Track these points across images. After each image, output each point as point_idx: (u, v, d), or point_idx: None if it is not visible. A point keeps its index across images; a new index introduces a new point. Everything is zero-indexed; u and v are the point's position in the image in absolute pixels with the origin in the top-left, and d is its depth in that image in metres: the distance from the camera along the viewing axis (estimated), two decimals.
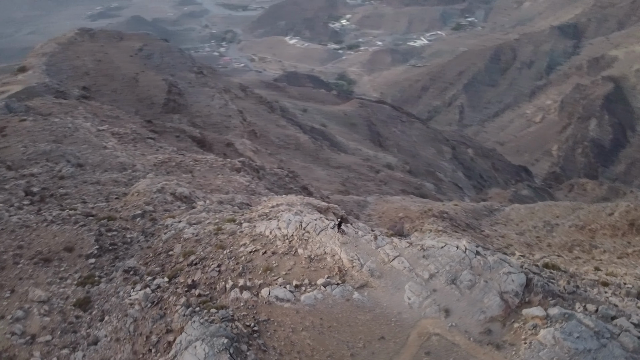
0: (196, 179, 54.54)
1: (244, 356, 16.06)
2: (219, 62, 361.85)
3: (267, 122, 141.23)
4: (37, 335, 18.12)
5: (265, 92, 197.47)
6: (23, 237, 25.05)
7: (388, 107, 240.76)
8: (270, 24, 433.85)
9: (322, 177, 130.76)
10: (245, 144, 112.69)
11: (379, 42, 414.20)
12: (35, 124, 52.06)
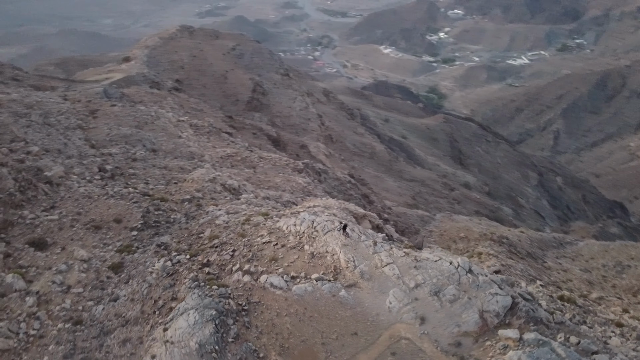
0: (257, 174, 57.95)
1: (228, 329, 18.30)
2: (312, 65, 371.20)
3: (345, 128, 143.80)
4: (72, 286, 21.51)
5: (349, 98, 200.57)
6: (83, 206, 29.11)
7: (474, 125, 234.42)
8: (367, 32, 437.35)
9: (392, 188, 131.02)
10: (319, 148, 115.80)
11: (476, 57, 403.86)
12: (123, 109, 58.09)
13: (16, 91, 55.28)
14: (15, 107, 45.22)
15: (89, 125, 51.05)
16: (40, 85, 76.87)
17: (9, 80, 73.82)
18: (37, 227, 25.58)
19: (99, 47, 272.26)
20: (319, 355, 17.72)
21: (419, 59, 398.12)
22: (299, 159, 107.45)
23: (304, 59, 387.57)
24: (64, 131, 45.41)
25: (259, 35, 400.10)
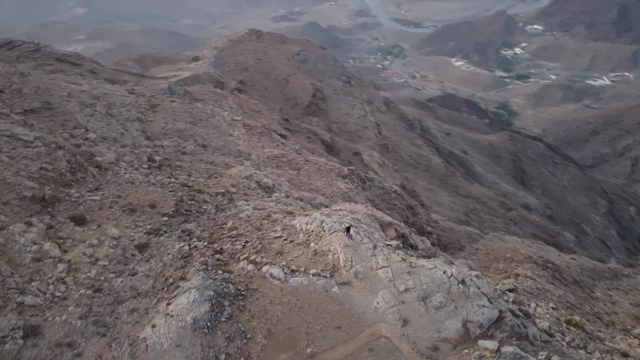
0: (300, 176, 59.97)
1: (223, 309, 20.11)
2: (380, 74, 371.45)
3: (403, 139, 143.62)
4: (99, 259, 24.17)
5: (412, 109, 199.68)
6: (124, 190, 32.11)
7: (542, 146, 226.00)
8: (440, 43, 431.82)
9: (445, 202, 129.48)
10: (373, 156, 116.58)
11: (552, 75, 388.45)
12: (181, 105, 62.02)
13: (88, 83, 60.48)
14: (83, 97, 49.77)
15: (148, 118, 55.05)
16: (113, 79, 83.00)
17: (87, 72, 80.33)
18: (80, 205, 28.69)
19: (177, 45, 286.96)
20: (301, 342, 19.13)
21: (491, 74, 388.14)
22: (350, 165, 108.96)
23: (372, 68, 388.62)
24: (123, 122, 49.43)
25: (330, 41, 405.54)
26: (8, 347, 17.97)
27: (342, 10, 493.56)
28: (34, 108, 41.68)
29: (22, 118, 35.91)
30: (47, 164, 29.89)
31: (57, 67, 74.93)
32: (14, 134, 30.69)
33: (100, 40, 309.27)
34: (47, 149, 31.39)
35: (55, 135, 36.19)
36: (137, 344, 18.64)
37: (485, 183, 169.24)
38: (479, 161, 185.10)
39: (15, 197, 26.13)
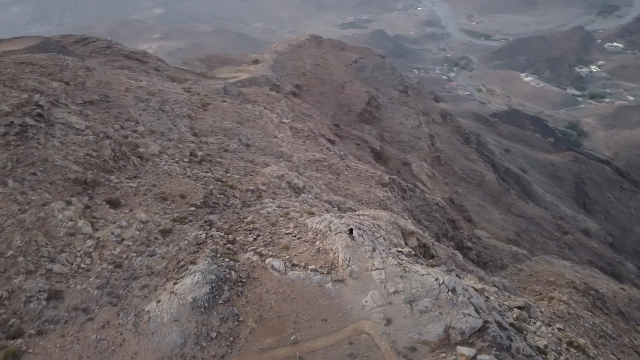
0: (338, 181, 61.45)
1: (221, 292, 21.98)
2: (444, 86, 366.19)
3: (457, 152, 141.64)
4: (125, 239, 26.74)
5: (471, 123, 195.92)
6: (160, 180, 34.89)
7: (609, 170, 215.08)
8: (509, 57, 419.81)
9: (495, 220, 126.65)
10: (423, 167, 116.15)
11: (630, 96, 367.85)
12: (231, 106, 65.19)
13: (149, 80, 64.91)
14: (140, 92, 53.70)
15: (198, 115, 58.42)
16: (175, 77, 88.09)
17: (152, 70, 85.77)
18: (117, 190, 31.62)
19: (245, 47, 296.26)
20: (287, 330, 20.62)
21: (563, 91, 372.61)
22: (398, 175, 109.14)
23: (437, 79, 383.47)
24: (173, 118, 52.89)
25: (396, 50, 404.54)
26: (32, 305, 20.65)
27: (410, 19, 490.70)
28: (93, 100, 45.71)
29: (79, 108, 39.63)
30: (93, 150, 33.12)
31: (124, 63, 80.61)
32: (68, 122, 34.18)
33: (174, 39, 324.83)
34: (96, 138, 34.70)
35: (107, 125, 39.70)
36: (142, 315, 20.81)
37: (543, 204, 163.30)
38: (538, 181, 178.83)
39: (61, 178, 29.32)
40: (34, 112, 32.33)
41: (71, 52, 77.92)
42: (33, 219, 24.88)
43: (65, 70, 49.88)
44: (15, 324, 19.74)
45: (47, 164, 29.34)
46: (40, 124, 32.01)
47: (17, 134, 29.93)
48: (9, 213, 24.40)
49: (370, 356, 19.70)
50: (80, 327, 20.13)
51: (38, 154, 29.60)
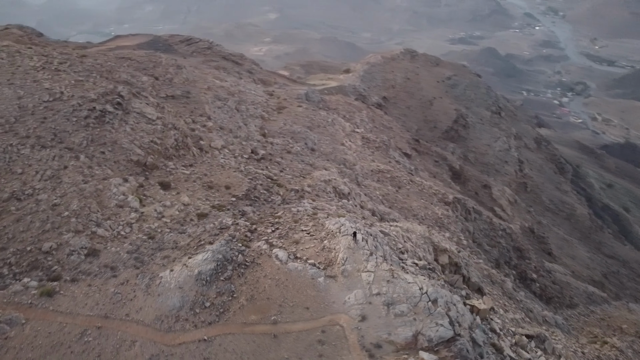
0: (397, 194, 62.78)
1: (225, 270, 25.10)
2: (554, 111, 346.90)
3: (547, 181, 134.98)
4: (164, 217, 30.88)
5: (572, 152, 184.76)
6: (212, 171, 39.08)
7: None
8: (634, 86, 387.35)
9: (580, 257, 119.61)
10: (504, 192, 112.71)
11: None
12: (305, 111, 68.96)
13: (234, 81, 70.65)
14: (220, 92, 59.10)
15: (271, 117, 62.79)
16: (265, 80, 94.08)
17: (245, 71, 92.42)
18: (171, 174, 36.17)
19: (351, 56, 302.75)
20: (271, 311, 23.22)
21: None
22: (476, 196, 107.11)
23: (547, 103, 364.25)
24: (246, 117, 57.55)
25: (506, 70, 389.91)
26: (73, 258, 25.16)
27: (526, 38, 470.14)
28: (175, 95, 51.48)
29: (158, 101, 45.20)
30: (157, 138, 38.06)
31: (220, 64, 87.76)
32: (142, 112, 39.50)
33: (283, 44, 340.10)
34: (163, 128, 39.72)
35: (179, 118, 44.86)
36: (155, 279, 24.49)
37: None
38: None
39: (125, 159, 34.33)
40: (114, 100, 37.91)
41: (175, 51, 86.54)
42: (92, 189, 29.79)
43: (158, 67, 56.43)
44: (56, 270, 24.30)
45: (115, 146, 34.50)
46: (118, 111, 37.47)
47: (96, 117, 35.46)
48: (74, 182, 29.48)
49: (337, 345, 21.71)
50: (104, 280, 24.26)
51: (110, 136, 34.88)
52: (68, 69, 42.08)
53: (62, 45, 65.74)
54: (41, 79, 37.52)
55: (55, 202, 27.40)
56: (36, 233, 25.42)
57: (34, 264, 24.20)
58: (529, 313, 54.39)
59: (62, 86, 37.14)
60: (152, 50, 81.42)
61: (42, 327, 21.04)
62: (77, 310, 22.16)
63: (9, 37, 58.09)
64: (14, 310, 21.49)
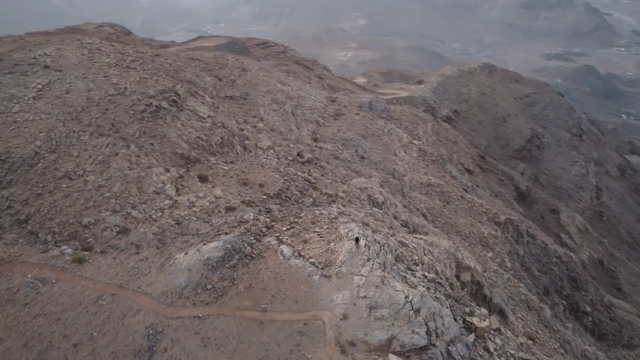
0: (444, 209, 62.85)
1: (231, 259, 27.72)
2: None
3: (627, 212, 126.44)
4: (195, 206, 34.13)
5: None
6: (251, 169, 42.12)
7: None
8: None
9: None
10: (575, 219, 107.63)
11: None
12: (362, 119, 70.65)
13: (297, 85, 73.88)
14: (279, 95, 62.42)
15: (326, 123, 65.21)
16: (333, 86, 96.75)
17: (315, 77, 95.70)
18: (211, 169, 39.61)
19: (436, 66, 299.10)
20: (264, 300, 25.50)
21: None
22: (542, 220, 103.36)
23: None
24: (299, 122, 60.39)
25: (604, 90, 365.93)
26: (106, 233, 28.97)
27: (631, 58, 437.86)
28: (233, 96, 55.38)
29: (214, 101, 49.12)
30: (204, 135, 41.73)
31: (291, 68, 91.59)
32: (194, 110, 43.41)
33: (369, 50, 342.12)
34: (212, 126, 43.39)
35: (230, 118, 48.49)
36: (170, 260, 27.66)
37: None
38: None
39: (171, 151, 38.20)
40: (171, 98, 42.07)
41: (251, 53, 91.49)
42: (135, 175, 33.73)
43: (224, 69, 60.76)
44: (90, 242, 28.18)
45: (164, 139, 38.47)
46: (172, 108, 41.56)
47: (151, 112, 39.67)
48: (120, 168, 33.56)
49: (315, 338, 23.57)
50: (128, 256, 27.79)
51: (161, 130, 38.92)
52: (138, 66, 47.02)
53: (145, 44, 72.25)
54: (111, 74, 42.46)
55: (100, 184, 31.50)
56: (79, 209, 29.52)
57: (73, 234, 28.24)
58: (566, 345, 52.62)
59: (128, 82, 41.82)
60: (229, 51, 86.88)
61: (67, 288, 24.78)
62: (98, 278, 25.76)
63: (99, 34, 65.14)
64: (48, 271, 25.44)
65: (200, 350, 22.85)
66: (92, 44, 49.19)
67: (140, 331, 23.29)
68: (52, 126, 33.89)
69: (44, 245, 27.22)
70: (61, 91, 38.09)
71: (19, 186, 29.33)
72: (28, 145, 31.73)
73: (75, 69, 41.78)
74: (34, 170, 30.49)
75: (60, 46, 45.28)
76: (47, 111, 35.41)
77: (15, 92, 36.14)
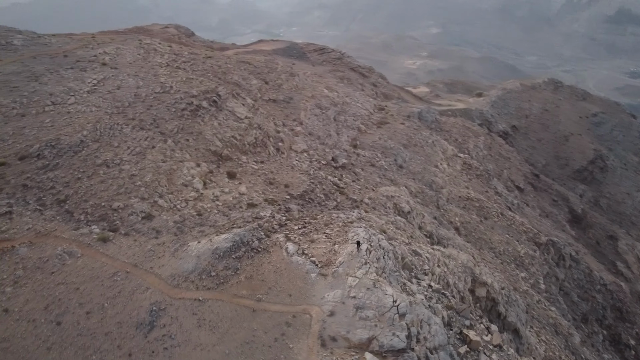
0: (480, 224, 62.32)
1: (237, 250, 29.85)
2: None
3: None
4: (218, 200, 36.70)
5: None
6: (280, 169, 44.33)
7: None
8: None
9: None
10: (634, 248, 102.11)
11: None
12: (406, 129, 71.26)
13: (345, 92, 75.58)
14: (323, 101, 64.44)
15: (368, 131, 66.50)
16: (387, 94, 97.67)
17: (369, 84, 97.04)
18: (241, 167, 42.18)
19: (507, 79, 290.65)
20: (260, 290, 27.42)
21: None
22: (597, 247, 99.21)
23: None
24: (340, 128, 62.09)
25: None
26: (132, 218, 32.05)
27: None
28: (276, 99, 57.99)
29: (256, 103, 51.85)
30: (239, 135, 44.43)
31: (346, 74, 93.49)
32: (233, 111, 46.27)
33: (439, 59, 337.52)
34: (247, 126, 46.05)
35: (269, 120, 51.03)
36: (184, 246, 30.24)
37: None
38: None
39: (204, 147, 41.13)
40: (211, 98, 45.14)
41: (307, 58, 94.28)
42: (167, 168, 36.82)
43: (272, 73, 63.61)
44: (117, 224, 31.35)
45: (199, 136, 41.49)
46: (212, 108, 44.60)
47: (191, 110, 42.85)
48: (154, 160, 36.76)
49: (299, 330, 25.17)
50: (147, 239, 30.69)
51: (197, 127, 41.98)
52: (188, 67, 50.65)
53: (205, 46, 76.69)
54: (161, 73, 46.19)
55: (133, 173, 34.77)
56: (112, 194, 32.83)
57: (103, 216, 31.51)
58: None
59: (174, 82, 45.35)
60: (286, 55, 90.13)
61: (89, 262, 27.91)
62: (118, 256, 28.74)
63: (162, 35, 70.08)
64: (75, 246, 28.72)
65: (195, 329, 25.10)
66: (150, 44, 53.44)
67: (145, 307, 25.89)
68: (99, 118, 37.69)
69: (76, 223, 30.62)
70: (113, 87, 42.06)
71: (63, 169, 33.06)
72: (76, 134, 35.58)
73: (129, 67, 45.83)
74: (77, 156, 34.19)
75: (120, 45, 49.67)
76: (97, 104, 39.36)
77: (72, 86, 40.43)
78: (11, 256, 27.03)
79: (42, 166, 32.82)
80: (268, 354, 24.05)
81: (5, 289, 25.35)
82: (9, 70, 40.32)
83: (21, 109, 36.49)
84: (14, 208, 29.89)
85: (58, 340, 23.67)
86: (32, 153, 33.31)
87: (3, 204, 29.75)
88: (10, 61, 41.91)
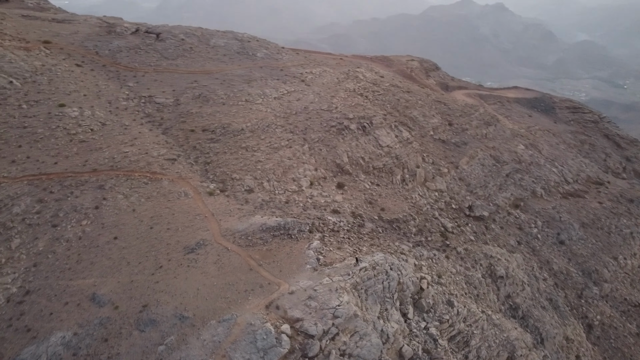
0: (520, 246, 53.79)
1: (277, 230, 39.55)
2: None
3: None
4: (312, 198, 46.59)
5: None
6: (389, 194, 50.98)
7: None
8: None
9: None
10: None
11: None
12: (601, 208, 64.29)
13: (552, 153, 72.44)
14: (504, 155, 65.10)
15: (545, 197, 63.77)
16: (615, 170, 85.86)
17: (620, 157, 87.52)
18: (354, 182, 50.75)
19: None
20: (266, 259, 36.80)
21: None
22: None
23: None
24: (507, 185, 62.19)
25: None
26: (239, 187, 45.25)
27: None
28: (447, 140, 62.82)
29: (416, 140, 58.45)
30: (368, 158, 52.74)
31: (590, 140, 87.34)
32: (377, 137, 54.68)
33: None
34: (383, 154, 53.79)
35: (416, 155, 57.03)
36: (250, 215, 41.66)
37: None
38: None
39: (331, 159, 51.33)
40: (362, 123, 54.77)
41: (555, 113, 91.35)
42: (288, 164, 48.66)
43: (464, 117, 67.87)
44: (227, 188, 45.14)
45: (332, 149, 51.88)
46: (359, 132, 54.25)
47: (338, 129, 53.46)
48: (282, 155, 49.11)
49: (263, 291, 33.40)
50: (235, 203, 43.38)
51: (334, 142, 52.41)
52: (371, 96, 61.11)
53: (437, 82, 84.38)
54: (338, 96, 57.97)
55: (260, 159, 48.04)
56: (236, 168, 46.83)
57: (222, 180, 45.71)
58: None
59: (342, 104, 56.68)
60: (529, 107, 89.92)
61: (191, 202, 42.38)
62: (209, 206, 42.44)
63: (398, 66, 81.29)
64: (191, 191, 43.65)
65: (211, 264, 36.69)
66: (357, 72, 65.76)
67: (197, 239, 38.76)
68: (265, 117, 52.30)
69: (205, 178, 45.64)
70: (294, 98, 56.22)
71: (220, 144, 48.78)
72: (242, 123, 50.96)
73: (319, 87, 59.28)
74: (233, 139, 49.46)
75: (327, 68, 63.62)
76: (273, 108, 54.10)
77: (267, 92, 56.24)
78: (157, 183, 43.73)
79: (210, 139, 49.21)
80: (237, 296, 33.88)
81: (141, 199, 41.98)
82: (238, 73, 58.82)
83: (224, 99, 54.02)
84: (179, 158, 46.89)
85: (143, 234, 38.78)
86: (210, 128, 50.09)
87: (175, 152, 47.08)
88: (245, 67, 60.60)
